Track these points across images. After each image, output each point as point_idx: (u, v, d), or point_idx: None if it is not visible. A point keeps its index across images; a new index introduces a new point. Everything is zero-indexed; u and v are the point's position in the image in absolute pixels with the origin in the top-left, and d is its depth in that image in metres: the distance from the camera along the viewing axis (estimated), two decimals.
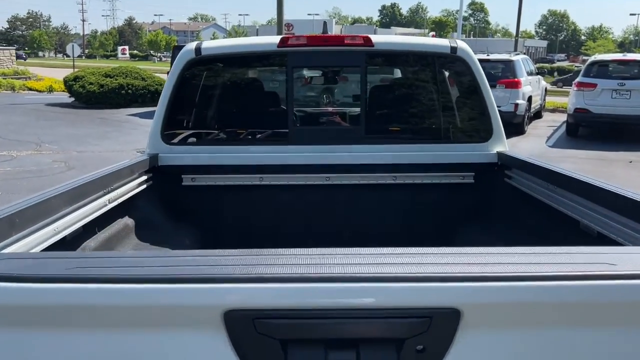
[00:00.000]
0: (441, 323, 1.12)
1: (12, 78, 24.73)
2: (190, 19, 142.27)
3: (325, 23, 3.10)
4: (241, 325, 1.09)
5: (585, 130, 12.81)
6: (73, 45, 28.87)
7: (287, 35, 2.98)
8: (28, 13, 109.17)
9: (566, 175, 2.31)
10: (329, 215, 3.13)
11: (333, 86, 3.62)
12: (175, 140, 3.07)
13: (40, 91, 23.02)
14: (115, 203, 2.46)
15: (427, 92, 3.27)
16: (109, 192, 2.38)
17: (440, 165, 3.07)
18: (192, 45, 3.04)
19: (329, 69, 3.29)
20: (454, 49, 2.97)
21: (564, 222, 2.29)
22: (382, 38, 3.06)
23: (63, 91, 20.39)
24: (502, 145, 3.07)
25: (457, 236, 3.01)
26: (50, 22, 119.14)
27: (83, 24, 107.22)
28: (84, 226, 2.19)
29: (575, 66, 43.63)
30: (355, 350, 1.11)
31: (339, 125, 3.30)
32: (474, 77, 2.99)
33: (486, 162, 3.06)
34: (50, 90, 22.88)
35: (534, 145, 11.50)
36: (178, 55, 3.01)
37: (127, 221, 2.67)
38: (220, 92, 3.27)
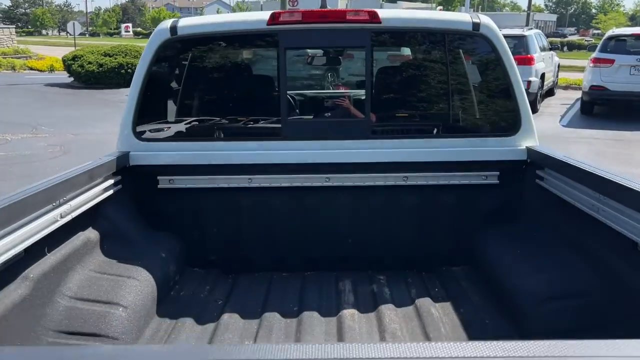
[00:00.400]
0: None
1: (12, 57, 24.27)
2: None
3: None
4: None
5: (600, 108, 12.29)
6: (74, 23, 28.31)
7: (278, 11, 2.54)
8: None
9: (622, 185, 1.85)
10: (329, 223, 2.74)
11: (334, 70, 3.19)
12: (150, 136, 2.67)
13: (41, 71, 22.61)
14: (72, 216, 2.08)
15: (444, 78, 2.82)
16: (60, 205, 2.00)
17: (458, 163, 2.66)
18: (167, 23, 2.61)
19: (328, 50, 2.85)
20: (476, 26, 2.54)
21: (615, 241, 1.88)
22: (391, 13, 2.62)
23: (64, 71, 20.00)
24: (532, 139, 2.65)
25: (478, 251, 2.62)
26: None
27: (86, 1, 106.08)
28: (26, 250, 1.82)
29: (586, 40, 42.47)
30: None
31: (340, 118, 2.87)
32: (500, 59, 2.56)
33: (513, 159, 2.64)
34: (52, 69, 22.46)
35: (547, 125, 11.01)
36: (151, 36, 2.60)
37: (90, 235, 2.29)
38: (201, 79, 2.85)
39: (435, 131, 2.73)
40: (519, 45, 12.28)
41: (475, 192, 2.70)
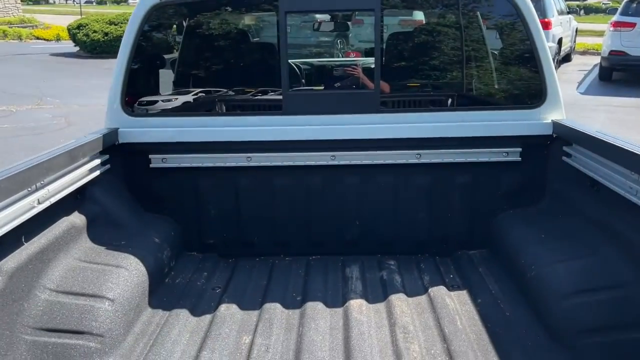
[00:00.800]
0: None
1: (18, 27, 24.00)
2: None
3: None
4: None
5: (619, 74, 11.88)
6: None
7: None
8: None
9: None
10: (334, 204, 2.53)
11: (343, 37, 2.94)
12: (140, 111, 2.46)
13: (47, 40, 22.37)
14: (52, 201, 1.90)
15: (459, 44, 2.57)
16: (37, 190, 1.81)
17: (476, 139, 2.43)
18: None
19: (335, 15, 2.59)
20: None
21: None
22: None
23: (70, 40, 19.77)
24: (559, 112, 2.41)
25: (497, 234, 2.41)
26: None
27: None
28: None
29: (603, 3, 41.10)
30: None
31: (346, 90, 2.64)
32: (525, 21, 2.31)
33: (537, 134, 2.41)
34: (58, 39, 22.22)
35: (564, 92, 10.65)
36: (139, 2, 2.37)
37: (75, 220, 2.11)
38: (195, 48, 2.63)
39: (450, 103, 2.50)
40: (536, 8, 11.83)
41: (495, 170, 2.47)
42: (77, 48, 17.75)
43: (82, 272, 1.95)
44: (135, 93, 2.47)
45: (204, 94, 2.61)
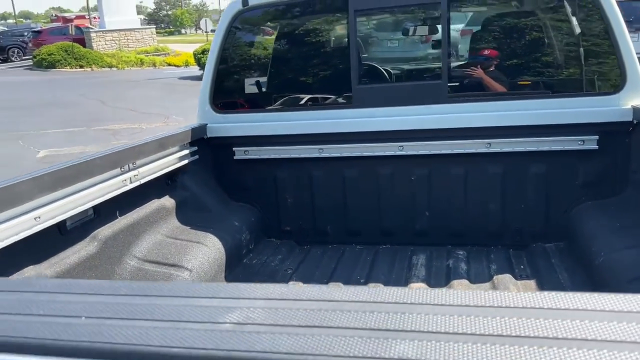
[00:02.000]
0: None
1: (153, 55, 26.51)
2: None
3: None
4: None
5: None
6: (206, 20, 30.18)
7: None
8: None
9: None
10: (404, 194, 2.60)
11: (411, 32, 3.00)
12: (226, 108, 2.72)
13: (177, 66, 24.49)
14: (141, 182, 2.18)
15: (531, 30, 2.53)
16: (128, 170, 2.10)
17: (549, 127, 2.37)
18: None
19: (400, 10, 2.68)
20: None
21: None
22: None
23: (196, 64, 21.46)
24: None
25: (574, 226, 2.33)
26: (190, 0, 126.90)
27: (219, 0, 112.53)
28: (95, 211, 1.94)
29: None
30: None
31: (414, 82, 2.70)
32: (602, 7, 2.24)
33: (615, 120, 2.31)
34: (186, 64, 24.21)
35: None
36: (224, 9, 2.65)
37: (165, 202, 2.40)
38: (273, 49, 2.85)
39: (521, 91, 2.46)
40: None
41: (572, 159, 2.39)
42: (202, 71, 19.20)
43: (167, 246, 2.21)
44: (223, 93, 2.74)
45: (279, 92, 2.82)
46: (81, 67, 24.02)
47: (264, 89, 2.85)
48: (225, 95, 2.76)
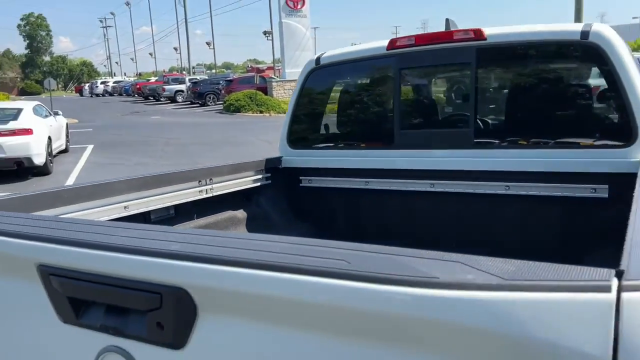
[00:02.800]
0: (173, 302, 1.07)
1: None
2: None
3: (447, 20, 2.92)
4: (45, 279, 1.26)
5: None
6: None
7: (396, 38, 2.95)
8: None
9: None
10: (435, 225, 2.95)
11: (445, 87, 3.36)
12: (298, 145, 3.34)
13: None
14: (213, 193, 2.87)
15: (549, 88, 2.77)
16: (204, 185, 2.80)
17: (563, 174, 2.58)
18: (315, 56, 3.30)
19: (437, 68, 3.08)
20: (585, 34, 2.47)
21: None
22: (496, 30, 2.74)
23: None
24: None
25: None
26: None
27: None
28: (176, 208, 2.65)
29: None
30: (117, 316, 1.16)
31: (445, 129, 3.07)
32: (612, 65, 2.43)
33: (624, 172, 2.44)
34: None
35: None
36: (304, 66, 3.31)
37: (237, 214, 3.06)
38: (338, 100, 3.43)
39: (538, 142, 2.68)
40: None
41: (581, 206, 2.55)
42: None
43: None
44: (297, 133, 3.37)
45: (338, 134, 3.37)
46: (261, 112, 26.91)
47: (328, 131, 3.43)
48: (298, 134, 3.39)
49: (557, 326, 0.74)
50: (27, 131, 11.59)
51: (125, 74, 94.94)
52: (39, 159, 11.60)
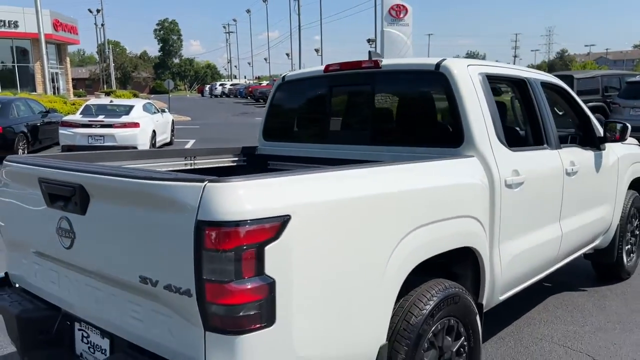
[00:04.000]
0: (79, 192, 2.23)
1: None
2: (635, 46, 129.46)
3: (370, 52, 3.99)
4: (40, 184, 2.66)
5: None
6: None
7: (328, 64, 4.11)
8: (466, 53, 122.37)
9: None
10: None
11: (365, 101, 4.33)
12: (269, 138, 4.59)
13: None
14: (198, 166, 4.19)
15: (413, 103, 3.78)
16: (191, 160, 4.13)
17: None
18: (283, 75, 4.54)
19: (351, 87, 4.16)
20: (437, 66, 3.43)
21: None
22: (388, 60, 3.80)
23: None
24: (474, 150, 3.19)
25: None
26: (485, 60, 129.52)
27: (514, 60, 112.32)
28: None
29: None
30: (63, 201, 2.48)
31: (356, 131, 4.14)
32: (452, 89, 3.27)
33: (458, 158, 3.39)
34: None
35: None
36: (276, 81, 4.57)
37: None
38: (292, 104, 4.62)
39: (407, 141, 3.63)
40: None
41: None
42: None
43: None
44: (268, 130, 4.61)
45: (294, 130, 4.55)
46: None
47: (288, 130, 4.61)
48: (269, 131, 4.62)
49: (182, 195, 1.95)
50: (135, 124, 13.91)
51: (245, 77, 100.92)
52: (143, 149, 13.84)
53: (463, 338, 2.91)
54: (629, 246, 5.46)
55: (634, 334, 4.22)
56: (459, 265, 3.13)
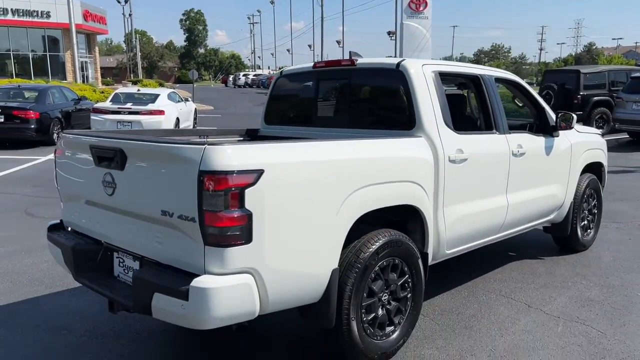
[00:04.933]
0: (119, 153, 3.09)
1: None
2: None
3: (350, 53, 4.84)
4: (91, 150, 3.61)
5: None
6: None
7: (316, 62, 4.98)
8: (492, 46, 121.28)
9: None
10: None
11: (344, 92, 5.06)
12: (270, 123, 5.48)
13: None
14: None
15: (378, 95, 4.59)
16: (205, 137, 5.04)
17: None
18: (281, 70, 5.43)
19: (334, 81, 5.01)
20: (397, 65, 4.23)
21: None
22: (363, 60, 4.66)
23: None
24: (423, 132, 3.97)
25: None
26: (510, 52, 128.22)
27: (540, 53, 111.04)
28: None
29: None
30: (107, 160, 3.43)
31: (337, 116, 5.00)
32: (407, 84, 4.04)
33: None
34: None
35: None
36: (275, 74, 5.46)
37: None
38: (288, 95, 5.48)
39: (377, 126, 4.44)
40: None
41: None
42: None
43: None
44: (269, 116, 5.48)
45: (288, 116, 5.41)
46: None
47: (285, 115, 5.47)
48: (269, 117, 5.48)
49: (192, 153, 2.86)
50: (161, 112, 14.98)
51: (269, 67, 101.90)
52: None
53: (407, 276, 3.79)
54: (585, 222, 6.25)
55: (570, 290, 5.05)
56: (411, 223, 4.01)
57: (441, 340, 4.01)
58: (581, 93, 16.88)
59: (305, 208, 3.07)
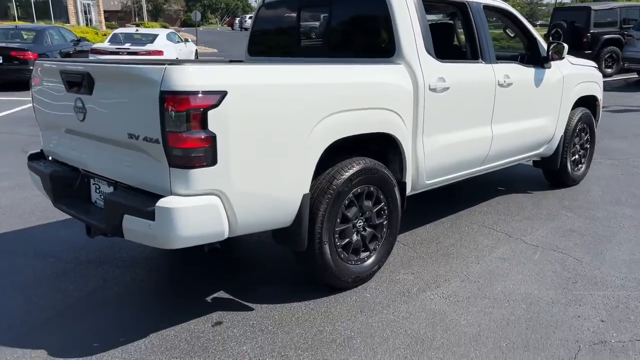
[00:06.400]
0: (86, 76, 3.11)
1: None
2: None
3: None
4: (61, 74, 3.59)
5: None
6: None
7: None
8: None
9: None
10: None
11: (325, 20, 4.85)
12: (252, 54, 5.40)
13: None
14: None
15: (360, 23, 4.43)
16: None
17: None
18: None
19: (314, 9, 4.88)
20: None
21: None
22: None
23: None
24: (402, 59, 3.92)
25: None
26: None
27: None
28: None
29: None
30: (77, 84, 3.42)
31: (318, 44, 4.91)
32: (388, 11, 3.91)
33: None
34: None
35: None
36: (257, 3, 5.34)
37: None
38: (270, 25, 5.35)
39: (358, 53, 4.37)
40: None
41: None
42: None
43: None
44: (252, 46, 5.38)
45: (271, 44, 5.30)
46: None
47: (267, 45, 5.38)
48: (252, 48, 5.39)
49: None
50: (159, 52, 14.80)
51: None
52: None
53: (383, 203, 3.82)
54: (576, 157, 6.20)
55: (554, 222, 5.07)
56: (391, 152, 3.99)
57: (417, 266, 4.08)
58: (591, 31, 16.39)
59: (272, 132, 3.06)
